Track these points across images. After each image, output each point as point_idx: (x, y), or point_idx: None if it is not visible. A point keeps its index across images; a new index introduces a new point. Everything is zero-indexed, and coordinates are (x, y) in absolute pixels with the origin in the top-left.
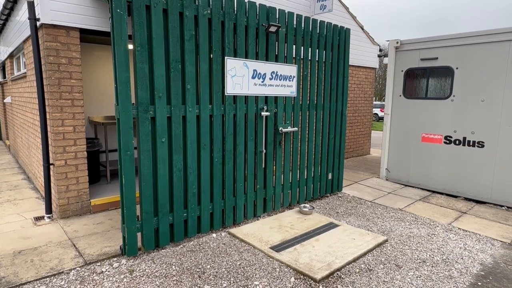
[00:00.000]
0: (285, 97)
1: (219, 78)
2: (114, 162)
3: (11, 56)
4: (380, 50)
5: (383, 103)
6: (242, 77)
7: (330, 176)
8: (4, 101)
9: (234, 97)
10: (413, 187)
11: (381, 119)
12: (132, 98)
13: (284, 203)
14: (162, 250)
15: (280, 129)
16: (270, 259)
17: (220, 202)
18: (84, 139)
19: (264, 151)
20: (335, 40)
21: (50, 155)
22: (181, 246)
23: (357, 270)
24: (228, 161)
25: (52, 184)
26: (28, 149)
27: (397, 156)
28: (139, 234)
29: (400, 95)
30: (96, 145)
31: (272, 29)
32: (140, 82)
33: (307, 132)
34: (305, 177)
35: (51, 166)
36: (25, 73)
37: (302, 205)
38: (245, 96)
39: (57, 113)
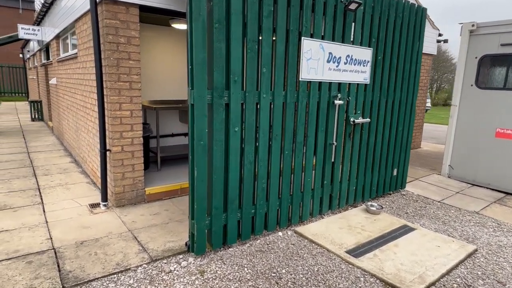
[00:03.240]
0: (358, 84)
1: (294, 62)
2: (164, 149)
3: (57, 37)
4: (439, 35)
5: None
6: (317, 60)
7: (395, 172)
8: (50, 82)
9: (308, 83)
10: (481, 186)
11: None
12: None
13: (349, 200)
14: (230, 249)
15: (351, 119)
16: (350, 266)
17: (287, 198)
18: (141, 125)
19: (335, 143)
20: (411, 20)
21: (107, 140)
22: (248, 245)
23: (455, 285)
24: (298, 154)
25: (108, 171)
26: (76, 132)
27: (463, 152)
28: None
29: (472, 85)
30: (147, 130)
31: (352, 6)
32: (217, 63)
33: (376, 123)
34: (371, 173)
35: (107, 152)
36: (76, 54)
37: (369, 203)
38: (319, 82)
39: (115, 96)
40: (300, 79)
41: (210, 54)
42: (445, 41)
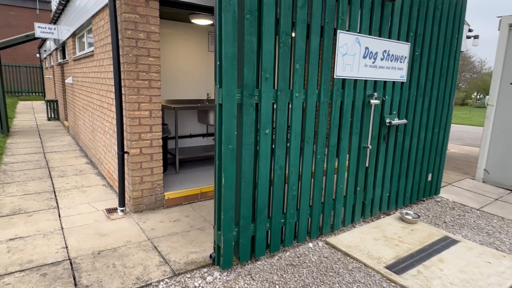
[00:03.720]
0: (394, 82)
1: (328, 57)
2: (183, 150)
3: (73, 35)
4: (470, 31)
5: None
6: (353, 56)
7: (429, 177)
8: (66, 81)
9: (343, 81)
10: None
11: None
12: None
13: (382, 207)
14: (258, 262)
15: (387, 120)
16: (393, 285)
17: (319, 205)
18: (160, 126)
19: (370, 147)
20: (451, 13)
21: (125, 142)
22: (277, 257)
23: None
24: (331, 158)
25: (125, 175)
26: (92, 133)
27: (500, 156)
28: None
29: (511, 83)
30: (165, 131)
31: None
32: (247, 59)
33: (411, 124)
34: (405, 178)
35: (125, 155)
36: (92, 51)
37: (404, 211)
38: (354, 79)
39: (134, 96)
40: (335, 77)
41: (240, 49)
42: (476, 37)
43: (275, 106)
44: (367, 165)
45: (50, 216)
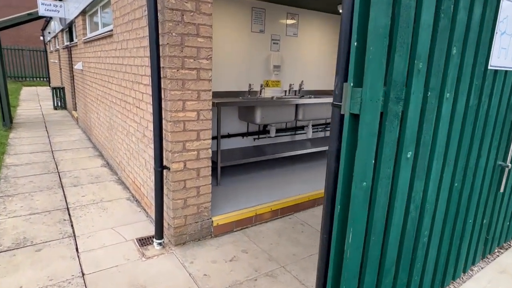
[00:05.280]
0: None
1: (486, 38)
2: (226, 154)
3: (83, 13)
4: None
5: None
6: (510, 36)
7: None
8: (75, 67)
9: (495, 73)
10: None
11: None
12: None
13: (501, 241)
14: None
15: None
16: None
17: (446, 250)
18: (210, 131)
19: (509, 166)
20: None
21: (163, 154)
22: None
23: None
24: (467, 185)
25: (164, 196)
26: (110, 131)
27: None
28: None
29: None
30: None
31: None
32: (401, 37)
33: None
34: None
35: (164, 171)
36: (111, 31)
37: None
38: (506, 71)
39: (177, 91)
40: (489, 67)
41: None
42: None
43: (420, 115)
44: (502, 190)
45: (65, 250)
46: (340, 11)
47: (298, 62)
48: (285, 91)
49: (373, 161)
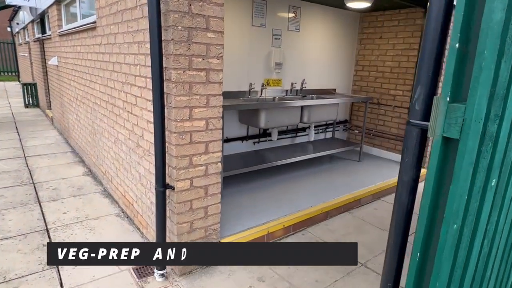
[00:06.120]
0: None
1: None
2: (226, 162)
3: (58, 2)
4: None
5: None
6: None
7: None
8: (49, 62)
9: None
10: None
11: None
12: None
13: None
14: None
15: None
16: None
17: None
18: (220, 142)
19: None
20: None
21: (166, 170)
22: None
23: None
24: None
25: (167, 219)
26: (93, 136)
27: None
28: None
29: None
30: None
31: None
32: (510, 39)
33: None
34: None
35: (167, 190)
36: (94, 22)
37: None
38: None
39: (183, 96)
40: None
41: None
42: None
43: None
44: None
45: (46, 287)
46: (350, 6)
47: (300, 60)
48: (286, 90)
49: (466, 197)
